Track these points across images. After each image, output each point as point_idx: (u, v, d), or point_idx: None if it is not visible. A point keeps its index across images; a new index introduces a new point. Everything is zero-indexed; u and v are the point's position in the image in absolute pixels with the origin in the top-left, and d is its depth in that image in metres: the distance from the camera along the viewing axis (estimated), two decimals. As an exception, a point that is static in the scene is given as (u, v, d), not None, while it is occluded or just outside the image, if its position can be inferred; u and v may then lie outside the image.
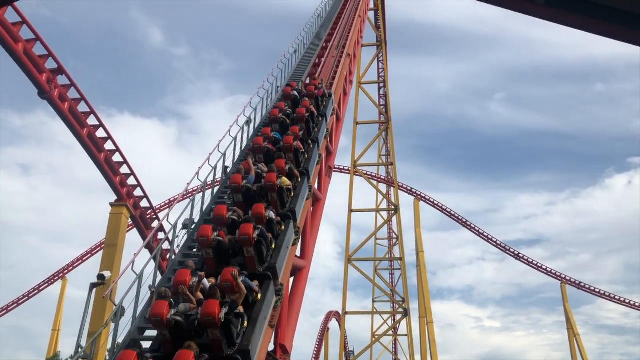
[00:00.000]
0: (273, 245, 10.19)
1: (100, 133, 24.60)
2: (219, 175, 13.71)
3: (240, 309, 8.15)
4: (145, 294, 9.16)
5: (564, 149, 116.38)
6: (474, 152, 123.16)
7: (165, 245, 17.56)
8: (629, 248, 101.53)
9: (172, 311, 7.74)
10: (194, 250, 11.02)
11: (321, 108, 16.31)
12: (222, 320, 7.60)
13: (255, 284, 8.89)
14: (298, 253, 13.21)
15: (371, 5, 39.14)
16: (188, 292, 8.16)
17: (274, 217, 10.64)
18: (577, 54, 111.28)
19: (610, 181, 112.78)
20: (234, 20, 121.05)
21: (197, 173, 12.94)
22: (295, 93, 16.33)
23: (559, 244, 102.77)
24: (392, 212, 37.73)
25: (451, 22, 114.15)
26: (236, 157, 14.48)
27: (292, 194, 12.22)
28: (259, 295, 8.89)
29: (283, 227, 10.92)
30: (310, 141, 14.51)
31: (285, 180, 11.85)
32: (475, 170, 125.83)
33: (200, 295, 8.34)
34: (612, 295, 47.88)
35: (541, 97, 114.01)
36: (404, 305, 34.63)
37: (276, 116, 14.57)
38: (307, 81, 19.46)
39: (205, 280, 8.65)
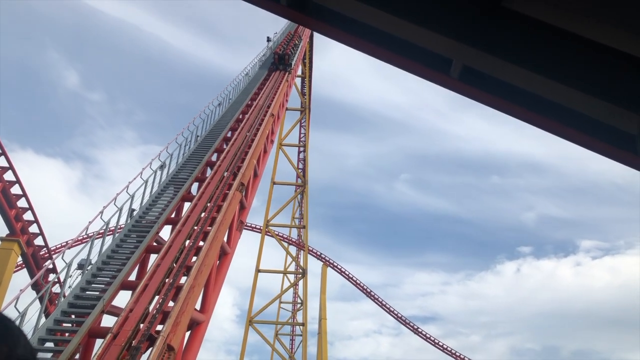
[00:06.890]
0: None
1: (1, 162, 23.12)
2: (123, 219, 13.17)
3: None
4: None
5: (461, 233, 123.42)
6: (378, 227, 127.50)
7: (56, 289, 16.38)
8: (515, 333, 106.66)
9: None
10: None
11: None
12: None
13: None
14: (198, 307, 12.72)
15: (299, 72, 40.40)
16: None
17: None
18: (477, 148, 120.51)
19: (501, 267, 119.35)
20: (154, 74, 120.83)
21: (102, 212, 12.39)
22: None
23: (452, 324, 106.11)
24: (300, 275, 37.49)
25: (367, 105, 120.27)
26: (145, 201, 14.02)
27: None
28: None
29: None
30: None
31: None
32: (377, 245, 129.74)
33: None
34: (501, 377, 49.39)
35: (443, 182, 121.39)
36: (301, 373, 33.87)
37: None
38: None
39: None
